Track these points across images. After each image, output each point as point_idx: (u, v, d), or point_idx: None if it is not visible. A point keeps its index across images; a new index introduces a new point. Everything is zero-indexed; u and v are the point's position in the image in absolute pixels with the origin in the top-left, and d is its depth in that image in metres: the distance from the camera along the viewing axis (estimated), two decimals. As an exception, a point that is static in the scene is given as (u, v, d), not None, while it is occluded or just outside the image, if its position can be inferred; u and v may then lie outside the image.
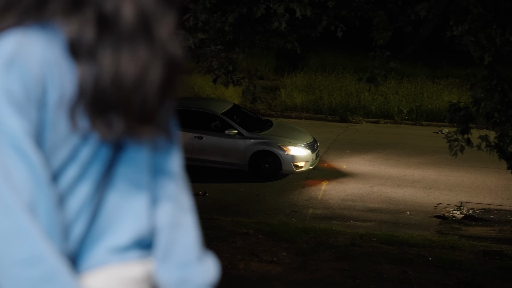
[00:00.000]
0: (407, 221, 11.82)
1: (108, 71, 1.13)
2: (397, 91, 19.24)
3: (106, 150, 1.21)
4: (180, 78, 1.23)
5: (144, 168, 1.28)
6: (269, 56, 21.05)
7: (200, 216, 5.90)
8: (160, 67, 1.17)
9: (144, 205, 1.28)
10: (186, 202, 1.37)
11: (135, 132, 1.18)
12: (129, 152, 1.24)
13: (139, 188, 1.27)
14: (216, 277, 1.36)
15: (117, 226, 1.24)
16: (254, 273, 9.31)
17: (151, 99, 1.17)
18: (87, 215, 1.21)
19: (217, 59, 7.44)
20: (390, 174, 13.97)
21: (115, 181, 1.23)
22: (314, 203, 12.46)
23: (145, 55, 1.16)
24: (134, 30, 1.15)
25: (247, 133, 13.54)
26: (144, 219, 1.28)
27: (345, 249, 10.14)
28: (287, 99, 18.68)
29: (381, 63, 7.98)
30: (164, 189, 1.32)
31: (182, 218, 1.34)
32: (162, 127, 1.22)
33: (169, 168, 1.33)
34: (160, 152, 1.31)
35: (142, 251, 1.29)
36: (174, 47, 1.20)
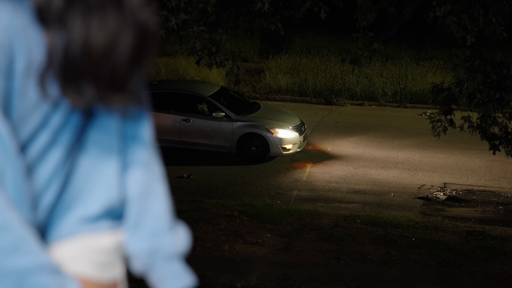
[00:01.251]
0: (391, 202, 11.89)
1: (78, 39, 1.12)
2: (382, 73, 19.27)
3: (77, 117, 1.20)
4: (152, 46, 1.22)
5: (114, 134, 1.27)
6: (253, 39, 20.99)
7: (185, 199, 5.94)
8: (130, 35, 1.17)
9: (115, 172, 1.27)
10: (157, 170, 1.36)
11: (106, 99, 1.17)
12: (100, 119, 1.24)
13: (110, 154, 1.26)
14: (187, 246, 1.36)
15: (88, 196, 1.24)
16: (238, 255, 9.34)
17: (122, 67, 1.17)
18: (58, 183, 1.20)
19: (200, 40, 7.40)
20: (374, 156, 14.02)
21: (86, 147, 1.23)
22: (298, 185, 12.49)
23: (115, 22, 1.15)
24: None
25: (234, 115, 13.52)
26: (115, 188, 1.28)
27: (329, 231, 10.19)
28: (272, 81, 18.66)
29: (364, 44, 7.97)
30: (136, 155, 1.31)
31: (153, 187, 1.33)
32: (133, 95, 1.22)
33: (140, 135, 1.33)
34: (131, 119, 1.30)
35: (113, 221, 1.28)
36: (146, 15, 1.19)
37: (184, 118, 13.54)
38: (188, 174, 12.60)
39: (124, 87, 1.19)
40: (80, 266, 1.23)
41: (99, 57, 1.14)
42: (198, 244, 9.55)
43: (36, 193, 1.18)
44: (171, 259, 1.34)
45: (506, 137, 8.34)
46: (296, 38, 21.85)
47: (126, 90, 1.19)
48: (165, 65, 19.00)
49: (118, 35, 1.15)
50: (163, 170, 1.38)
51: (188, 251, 1.36)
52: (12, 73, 1.13)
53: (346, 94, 18.25)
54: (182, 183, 12.30)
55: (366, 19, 8.71)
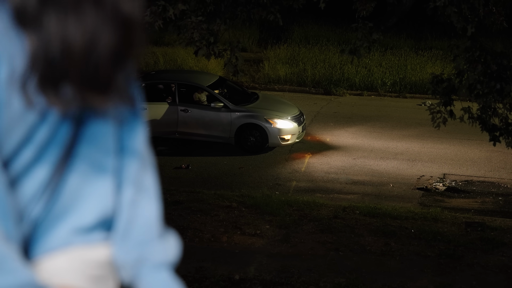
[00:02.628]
0: (390, 193, 11.85)
1: (55, 39, 1.05)
2: (381, 63, 19.19)
3: (66, 128, 1.13)
4: (138, 39, 1.15)
5: (108, 144, 1.20)
6: (252, 28, 20.89)
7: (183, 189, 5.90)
8: (112, 30, 1.09)
9: (109, 184, 1.21)
10: (148, 180, 1.29)
11: (92, 102, 1.10)
12: (91, 128, 1.17)
13: (102, 166, 1.20)
14: (177, 255, 1.30)
15: (81, 206, 1.18)
16: (237, 246, 9.31)
17: (105, 64, 1.09)
18: (46, 197, 1.14)
19: (198, 31, 7.33)
20: (373, 146, 13.97)
21: (76, 162, 1.16)
22: (297, 176, 12.45)
23: (94, 18, 1.07)
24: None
25: (233, 106, 13.46)
26: (109, 198, 1.22)
27: (328, 222, 10.16)
28: (271, 71, 18.58)
29: (363, 34, 7.90)
30: (126, 170, 1.25)
31: (142, 195, 1.27)
32: (120, 94, 1.15)
33: (132, 145, 1.25)
34: (124, 126, 1.24)
35: (107, 232, 1.23)
36: (129, 6, 1.11)
37: (182, 108, 13.48)
38: (186, 165, 12.55)
39: (109, 86, 1.12)
40: (72, 279, 1.17)
41: (78, 55, 1.06)
42: (197, 236, 9.52)
43: (22, 206, 1.12)
44: (159, 268, 1.28)
45: (507, 128, 8.29)
46: (295, 27, 21.75)
47: (112, 90, 1.12)
48: (163, 54, 18.91)
49: (98, 31, 1.08)
50: (156, 178, 1.31)
51: (179, 259, 1.30)
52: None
53: (345, 84, 18.18)
54: (180, 173, 12.26)
55: (365, 9, 8.63)
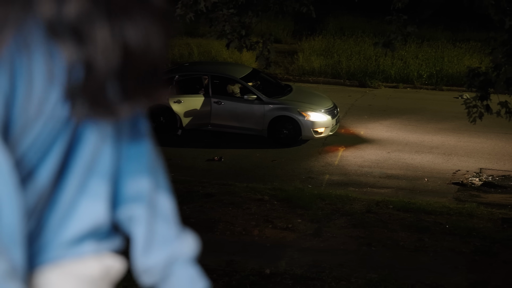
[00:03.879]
0: (425, 188, 11.68)
1: (99, 49, 1.02)
2: (417, 55, 18.93)
3: (62, 141, 1.09)
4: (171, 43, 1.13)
5: (105, 158, 1.17)
6: (287, 19, 20.77)
7: (215, 182, 5.89)
8: (161, 33, 1.08)
9: (103, 195, 1.17)
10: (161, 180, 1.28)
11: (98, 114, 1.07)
12: (89, 141, 1.13)
13: (100, 172, 1.16)
14: (197, 252, 1.34)
15: (73, 219, 1.14)
16: (268, 240, 9.26)
17: (162, 65, 1.10)
18: (39, 210, 1.10)
19: (230, 23, 7.27)
20: (408, 140, 13.79)
21: (71, 174, 1.12)
22: (330, 169, 12.35)
23: (147, 21, 1.06)
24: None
25: (266, 98, 13.40)
26: (102, 210, 1.18)
27: (361, 216, 10.05)
28: (305, 63, 18.47)
29: (397, 27, 7.76)
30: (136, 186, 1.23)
31: (157, 199, 1.27)
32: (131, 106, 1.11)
33: (140, 147, 1.23)
34: (129, 141, 1.20)
35: (98, 242, 1.19)
36: (169, 12, 1.11)
37: (215, 100, 13.46)
38: (218, 157, 12.54)
39: (160, 87, 1.11)
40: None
41: (138, 61, 1.05)
42: (228, 229, 9.49)
43: None
44: (186, 264, 1.31)
45: (545, 123, 8.08)
46: (330, 19, 21.58)
47: (125, 100, 1.09)
48: (197, 46, 18.92)
49: (151, 35, 1.07)
50: (167, 176, 1.30)
51: (198, 256, 1.34)
52: (13, 102, 1.02)
53: (380, 77, 17.97)
54: (212, 166, 12.25)
55: (401, 0, 8.48)
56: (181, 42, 19.72)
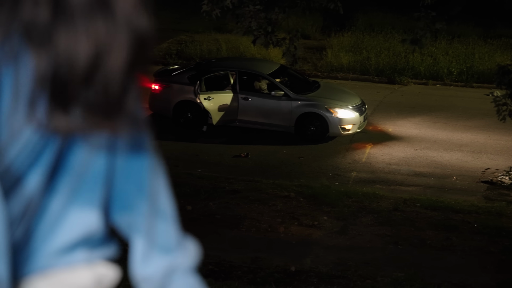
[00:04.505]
0: (453, 186, 11.55)
1: (64, 55, 0.98)
2: (447, 51, 18.71)
3: (51, 149, 1.06)
4: (149, 55, 1.07)
5: (96, 169, 1.13)
6: (316, 15, 20.67)
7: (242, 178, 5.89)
8: (124, 45, 1.01)
9: (95, 206, 1.15)
10: (161, 182, 1.24)
11: (100, 126, 1.03)
12: (79, 150, 1.10)
13: (88, 189, 1.13)
14: (197, 259, 1.29)
15: (63, 228, 1.12)
16: (293, 237, 9.24)
17: (115, 82, 1.01)
18: (27, 219, 1.08)
19: (256, 20, 7.24)
20: (437, 137, 13.65)
21: (60, 183, 1.10)
22: (357, 166, 12.27)
23: (105, 32, 0.99)
24: (90, 4, 0.99)
25: (293, 94, 13.36)
26: (94, 219, 1.15)
27: (388, 214, 9.98)
28: (334, 59, 18.36)
29: (426, 24, 7.66)
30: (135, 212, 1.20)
31: (157, 206, 1.23)
32: (129, 117, 1.06)
33: (136, 178, 1.19)
34: (123, 153, 1.16)
35: (90, 250, 1.16)
36: (141, 21, 1.03)
37: (242, 96, 13.45)
38: (245, 153, 12.53)
39: (119, 108, 1.04)
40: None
41: (87, 73, 0.99)
42: (253, 225, 9.48)
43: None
44: (186, 274, 1.27)
45: None
46: (360, 15, 21.42)
47: (121, 112, 1.04)
48: (226, 41, 18.91)
49: (109, 46, 1.00)
50: (167, 179, 1.25)
51: (198, 264, 1.30)
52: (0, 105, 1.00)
53: (410, 73, 17.79)
54: (239, 162, 12.24)
55: (430, -4, 8.37)
56: (209, 38, 19.73)
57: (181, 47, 19.50)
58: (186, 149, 12.72)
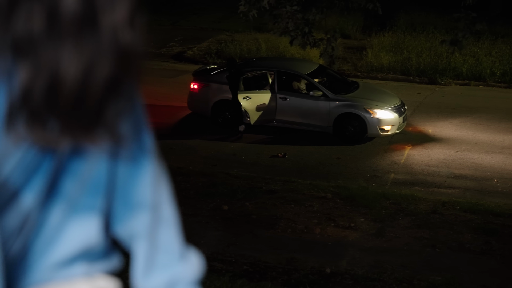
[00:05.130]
0: (494, 189, 11.36)
1: (49, 69, 0.97)
2: (491, 52, 18.41)
3: (49, 161, 1.06)
4: (136, 71, 1.06)
5: (96, 181, 1.13)
6: (357, 15, 20.55)
7: (279, 178, 5.90)
8: (108, 62, 1.01)
9: (94, 220, 1.14)
10: (164, 195, 1.22)
11: (80, 139, 1.03)
12: (78, 163, 1.10)
13: (87, 202, 1.12)
14: (201, 273, 1.27)
15: (62, 241, 1.11)
16: (329, 238, 9.19)
17: (97, 99, 1.01)
18: (26, 232, 1.07)
19: (293, 21, 7.22)
20: (478, 139, 13.43)
21: (59, 196, 1.09)
22: (396, 168, 12.15)
23: (91, 48, 0.99)
24: (77, 19, 0.98)
25: (332, 95, 13.30)
26: (93, 233, 1.14)
27: (426, 217, 9.86)
28: (374, 59, 18.22)
29: (466, 25, 7.55)
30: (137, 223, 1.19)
31: (160, 215, 1.21)
32: (113, 132, 1.05)
33: (138, 193, 1.18)
34: (126, 166, 1.16)
35: (89, 263, 1.15)
36: (127, 36, 1.02)
37: (281, 96, 13.43)
38: (283, 153, 12.51)
39: (99, 123, 1.03)
40: None
41: (70, 88, 0.98)
42: (289, 226, 9.46)
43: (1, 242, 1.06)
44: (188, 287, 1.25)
45: None
46: (401, 14, 21.23)
47: (102, 126, 1.04)
48: (265, 41, 18.92)
49: (94, 62, 0.99)
50: (171, 191, 1.24)
51: (202, 277, 1.28)
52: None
53: (451, 74, 17.55)
54: (276, 162, 12.22)
55: (471, -3, 8.24)
56: (249, 37, 19.76)
57: (221, 46, 19.57)
58: (224, 148, 12.76)
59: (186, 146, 12.77)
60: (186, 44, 20.39)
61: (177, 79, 16.53)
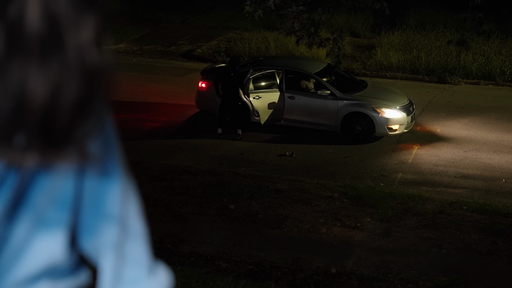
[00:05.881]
0: (502, 189, 11.31)
1: (15, 90, 0.97)
2: (501, 51, 18.32)
3: (14, 176, 1.07)
4: (105, 90, 1.06)
5: (62, 197, 1.13)
6: (366, 14, 20.48)
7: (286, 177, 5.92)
8: (75, 83, 1.01)
9: (60, 236, 1.14)
10: (133, 223, 1.22)
11: (47, 157, 1.03)
12: (44, 179, 1.09)
13: (53, 218, 1.12)
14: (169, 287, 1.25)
15: (26, 257, 1.11)
16: (336, 238, 9.18)
17: (64, 119, 1.01)
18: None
19: (299, 21, 7.21)
20: (487, 139, 13.38)
21: (24, 212, 1.10)
22: (404, 167, 12.11)
23: (57, 69, 0.99)
24: (42, 40, 0.98)
25: (340, 94, 13.27)
26: (59, 249, 1.14)
27: (433, 217, 9.83)
28: (383, 58, 18.16)
29: (472, 25, 7.51)
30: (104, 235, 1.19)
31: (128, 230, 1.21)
32: (81, 150, 1.06)
33: (107, 207, 1.19)
34: (92, 179, 1.16)
35: (54, 282, 1.15)
36: (94, 57, 1.02)
37: (289, 95, 13.43)
38: (290, 152, 12.50)
39: (67, 142, 1.03)
40: None
41: (37, 109, 0.98)
42: (296, 226, 9.46)
43: None
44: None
45: None
46: (411, 13, 21.15)
47: (70, 145, 1.04)
48: (274, 40, 18.89)
49: (61, 83, 0.99)
50: (139, 205, 1.24)
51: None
52: None
53: (461, 73, 17.47)
54: (284, 161, 12.22)
55: (480, -4, 8.20)
56: (258, 36, 19.74)
57: (230, 45, 19.57)
58: (232, 147, 12.76)
59: (194, 145, 12.78)
60: (196, 43, 20.39)
61: (185, 78, 16.55)
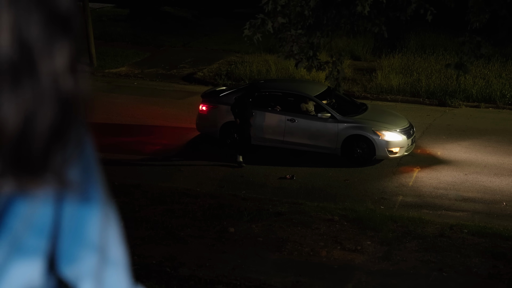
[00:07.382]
0: (503, 212, 11.28)
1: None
2: (501, 74, 18.38)
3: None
4: (80, 116, 1.06)
5: (40, 224, 1.13)
6: (367, 37, 20.59)
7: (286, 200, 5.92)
8: (50, 110, 1.00)
9: (37, 263, 1.14)
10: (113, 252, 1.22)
11: (23, 184, 1.03)
12: (21, 205, 1.10)
13: (31, 245, 1.13)
14: None
15: (2, 282, 1.11)
16: (336, 261, 9.15)
17: (39, 146, 1.00)
18: None
19: (298, 44, 7.25)
20: (488, 162, 13.37)
21: (4, 235, 1.10)
22: (404, 190, 12.10)
23: (30, 96, 0.98)
24: (14, 65, 0.97)
25: (340, 116, 13.31)
26: (36, 277, 1.15)
27: (433, 240, 9.80)
28: (383, 81, 18.22)
29: (470, 49, 7.55)
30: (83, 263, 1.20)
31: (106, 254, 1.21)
32: (58, 177, 1.06)
33: (84, 230, 1.19)
34: (71, 206, 1.16)
35: None
36: (68, 83, 1.02)
37: (289, 118, 13.46)
38: (291, 175, 12.50)
39: (43, 169, 1.04)
40: None
41: (10, 137, 0.97)
42: (296, 249, 9.43)
43: None
44: None
45: None
46: (411, 36, 21.25)
47: (46, 172, 1.04)
48: (275, 63, 18.97)
49: (35, 110, 0.99)
50: (120, 231, 1.24)
51: None
52: None
53: (461, 96, 17.52)
54: (284, 184, 12.21)
55: (478, 20, 8.27)
56: (259, 59, 19.82)
57: (231, 68, 19.65)
58: (232, 170, 12.76)
59: (194, 168, 12.79)
60: (197, 66, 20.48)
61: (186, 100, 16.60)
